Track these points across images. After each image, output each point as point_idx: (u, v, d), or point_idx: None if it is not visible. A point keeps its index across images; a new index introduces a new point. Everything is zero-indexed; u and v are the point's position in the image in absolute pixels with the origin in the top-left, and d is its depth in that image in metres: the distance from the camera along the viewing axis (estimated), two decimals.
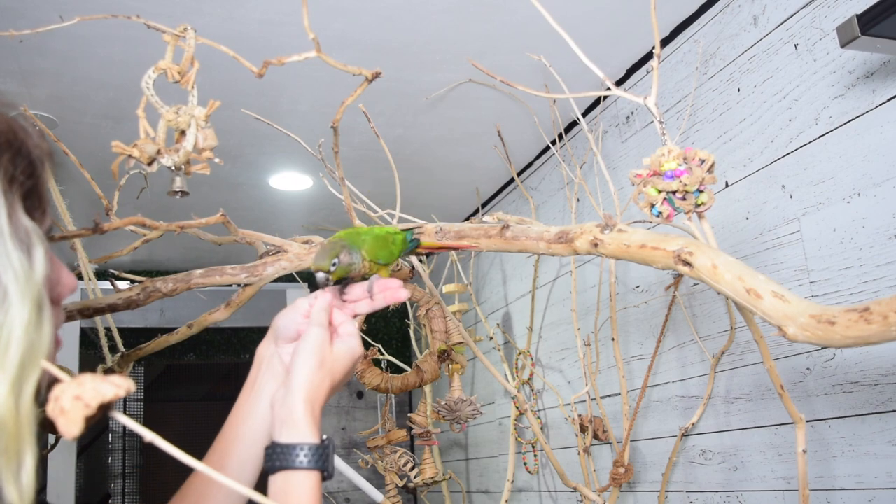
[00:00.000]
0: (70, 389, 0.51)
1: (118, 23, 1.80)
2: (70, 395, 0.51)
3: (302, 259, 1.28)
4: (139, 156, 0.86)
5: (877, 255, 1.45)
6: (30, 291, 0.54)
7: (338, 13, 1.88)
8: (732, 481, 1.82)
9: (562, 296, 2.64)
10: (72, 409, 0.50)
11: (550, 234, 1.01)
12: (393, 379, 2.16)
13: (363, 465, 2.52)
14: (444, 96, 2.34)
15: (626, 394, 2.07)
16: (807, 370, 1.60)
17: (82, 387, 0.51)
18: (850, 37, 1.26)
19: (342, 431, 4.26)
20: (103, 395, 0.51)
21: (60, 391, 0.50)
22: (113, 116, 2.34)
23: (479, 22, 1.95)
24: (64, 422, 0.50)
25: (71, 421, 0.50)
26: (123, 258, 3.67)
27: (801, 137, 1.63)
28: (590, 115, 2.46)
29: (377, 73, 1.03)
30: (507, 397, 3.06)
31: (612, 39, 2.07)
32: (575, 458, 2.46)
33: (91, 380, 0.53)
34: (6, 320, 0.52)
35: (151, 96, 0.90)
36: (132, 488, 5.73)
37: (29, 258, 0.54)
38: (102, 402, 0.51)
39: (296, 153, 2.71)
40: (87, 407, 0.50)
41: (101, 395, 0.51)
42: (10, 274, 0.53)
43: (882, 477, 1.44)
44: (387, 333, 4.37)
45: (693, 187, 0.86)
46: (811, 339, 0.74)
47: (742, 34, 1.81)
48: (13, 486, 0.52)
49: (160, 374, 5.89)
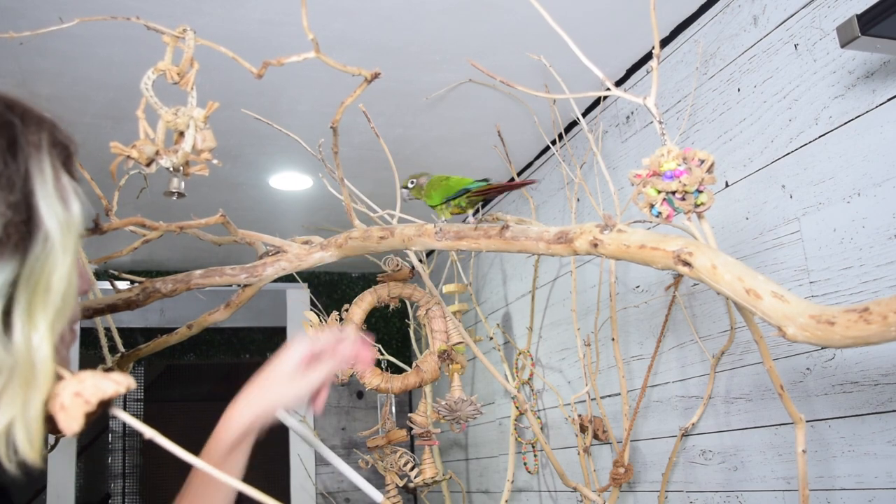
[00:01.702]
0: (70, 386, 0.51)
1: (118, 23, 1.80)
2: (70, 392, 0.50)
3: (301, 259, 1.28)
4: (138, 157, 0.86)
5: (877, 255, 1.45)
6: (69, 241, 0.59)
7: (338, 13, 1.88)
8: (732, 481, 1.82)
9: (562, 296, 2.64)
10: (72, 405, 0.50)
11: (550, 234, 1.01)
12: (393, 379, 2.16)
13: (363, 465, 2.51)
14: (444, 96, 2.34)
15: (626, 394, 2.07)
16: (807, 370, 1.60)
17: (82, 383, 0.51)
18: (850, 37, 1.26)
19: (342, 431, 4.26)
20: (104, 391, 0.51)
21: (61, 388, 0.50)
22: (113, 116, 2.34)
23: (479, 22, 1.95)
24: (64, 418, 0.50)
25: (71, 417, 0.50)
26: (123, 258, 3.67)
27: (801, 137, 1.63)
28: (590, 115, 2.46)
29: (376, 74, 1.03)
30: (507, 397, 3.06)
31: (611, 39, 2.07)
32: (575, 458, 2.46)
33: (91, 376, 0.53)
34: (47, 264, 0.57)
35: (151, 97, 0.90)
36: (132, 488, 5.73)
37: (68, 211, 0.60)
38: (103, 399, 0.51)
39: (296, 153, 2.71)
40: (88, 403, 0.50)
41: (102, 392, 0.51)
42: (53, 222, 0.58)
43: (882, 477, 1.44)
44: (387, 333, 4.37)
45: (692, 187, 0.86)
46: (811, 339, 0.74)
47: (742, 34, 1.81)
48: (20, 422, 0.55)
49: (160, 375, 5.88)
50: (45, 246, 0.58)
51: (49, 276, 0.58)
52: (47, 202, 0.59)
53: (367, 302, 2.05)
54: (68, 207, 0.61)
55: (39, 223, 0.58)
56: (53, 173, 0.61)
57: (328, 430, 4.23)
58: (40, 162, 0.60)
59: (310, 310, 2.15)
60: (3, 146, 0.59)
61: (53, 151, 0.62)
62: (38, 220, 0.58)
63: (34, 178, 0.59)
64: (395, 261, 2.17)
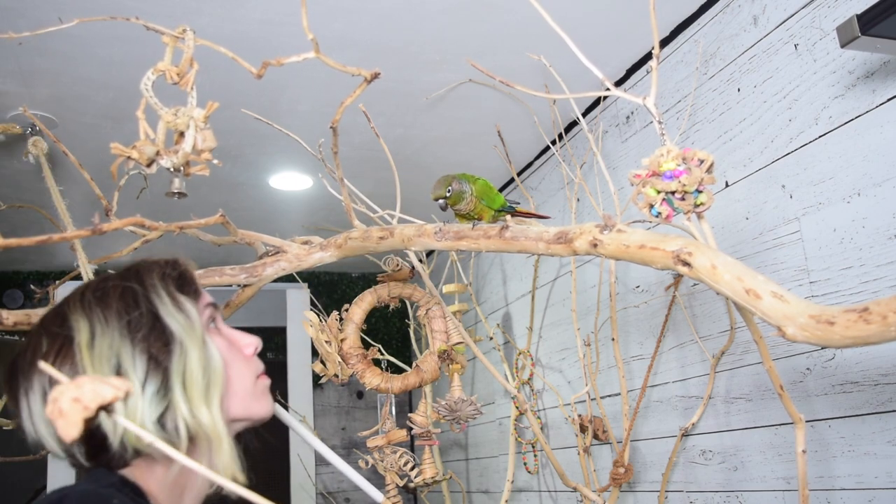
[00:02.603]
0: (69, 391, 0.50)
1: (118, 23, 1.80)
2: (69, 398, 0.50)
3: (301, 259, 1.28)
4: (138, 157, 0.86)
5: (877, 255, 1.45)
6: (195, 338, 0.81)
7: (337, 13, 1.88)
8: (732, 481, 1.82)
9: (562, 296, 2.64)
10: (71, 411, 0.49)
11: (549, 234, 1.01)
12: (393, 379, 2.16)
13: (363, 465, 2.51)
14: (444, 96, 2.34)
15: (626, 394, 2.07)
16: (807, 370, 1.60)
17: (81, 389, 0.50)
18: (850, 37, 1.26)
19: (342, 431, 4.26)
20: (103, 396, 0.50)
21: (59, 393, 0.50)
22: (113, 117, 2.34)
23: (479, 22, 1.95)
24: (63, 424, 0.49)
25: (70, 423, 0.49)
26: (123, 259, 3.66)
27: (801, 137, 1.63)
28: (590, 115, 2.46)
29: (376, 74, 1.03)
30: (507, 397, 3.06)
31: (611, 39, 2.07)
32: (575, 458, 2.46)
33: (90, 381, 0.53)
34: (187, 361, 0.79)
35: (150, 98, 0.90)
36: None
37: (188, 318, 0.82)
38: (102, 405, 0.50)
39: (296, 153, 2.71)
40: (87, 409, 0.49)
41: (101, 398, 0.50)
42: (179, 329, 0.80)
43: (882, 477, 1.44)
44: (387, 333, 4.37)
45: (692, 188, 0.86)
46: (810, 339, 0.74)
47: (742, 34, 1.81)
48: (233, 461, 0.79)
49: None
50: (182, 347, 0.80)
51: (191, 367, 0.79)
52: (171, 318, 0.81)
53: (367, 302, 2.05)
54: (188, 315, 0.82)
55: (171, 333, 0.80)
56: (170, 297, 0.83)
57: (328, 430, 4.23)
58: (159, 293, 0.83)
59: (310, 310, 2.15)
60: (130, 302, 0.81)
61: (166, 281, 0.85)
62: (169, 332, 0.80)
63: (155, 302, 0.82)
64: (395, 261, 2.17)
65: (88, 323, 0.79)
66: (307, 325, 2.04)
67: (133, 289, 0.83)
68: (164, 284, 0.85)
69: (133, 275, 0.85)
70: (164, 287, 0.84)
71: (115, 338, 0.78)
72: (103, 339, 0.78)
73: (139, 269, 0.87)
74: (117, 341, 0.78)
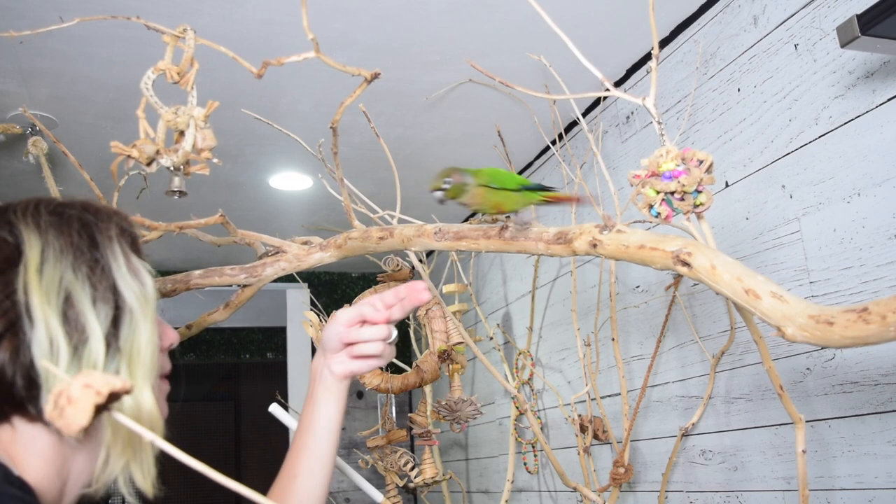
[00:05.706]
0: (79, 380, 0.50)
1: (118, 23, 1.80)
2: (80, 384, 0.49)
3: (301, 259, 1.28)
4: (138, 156, 0.86)
5: (877, 255, 1.45)
6: (148, 311, 0.72)
7: (337, 13, 1.88)
8: (732, 481, 1.82)
9: (562, 296, 2.64)
10: (82, 396, 0.48)
11: (549, 234, 1.01)
12: (393, 379, 2.16)
13: (363, 465, 2.52)
14: (444, 96, 2.34)
15: (626, 394, 2.07)
16: (807, 370, 1.60)
17: (91, 376, 0.50)
18: (850, 37, 1.26)
19: (342, 431, 4.25)
20: (113, 384, 0.50)
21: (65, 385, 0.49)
22: (113, 116, 2.34)
23: (479, 22, 1.95)
24: (72, 412, 0.48)
25: (80, 410, 0.48)
26: None
27: (801, 137, 1.63)
28: (590, 116, 2.46)
29: (376, 74, 1.03)
30: (507, 397, 3.06)
31: (611, 40, 2.07)
32: (575, 458, 2.46)
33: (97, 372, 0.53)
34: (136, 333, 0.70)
35: (151, 97, 0.90)
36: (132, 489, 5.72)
37: (143, 287, 0.72)
38: (113, 391, 0.49)
39: (296, 153, 2.72)
40: (99, 394, 0.48)
41: (111, 385, 0.50)
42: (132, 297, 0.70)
43: (882, 477, 1.44)
44: None
45: (691, 188, 0.86)
46: (810, 339, 0.74)
47: (742, 34, 1.81)
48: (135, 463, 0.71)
49: None
50: (132, 319, 0.70)
51: (139, 342, 0.70)
52: (125, 282, 0.71)
53: None
54: (143, 283, 0.73)
55: (123, 301, 0.70)
56: (125, 257, 0.72)
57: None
58: (114, 250, 0.72)
59: (310, 310, 2.15)
60: (87, 243, 0.71)
61: (122, 239, 0.74)
62: (122, 298, 0.70)
63: (111, 264, 0.71)
64: (395, 261, 2.18)
65: (40, 243, 0.69)
66: (307, 325, 2.04)
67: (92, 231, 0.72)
68: (121, 242, 0.74)
69: (92, 213, 0.74)
70: (119, 245, 0.73)
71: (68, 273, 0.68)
72: (55, 270, 0.68)
73: (98, 210, 0.75)
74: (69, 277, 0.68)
